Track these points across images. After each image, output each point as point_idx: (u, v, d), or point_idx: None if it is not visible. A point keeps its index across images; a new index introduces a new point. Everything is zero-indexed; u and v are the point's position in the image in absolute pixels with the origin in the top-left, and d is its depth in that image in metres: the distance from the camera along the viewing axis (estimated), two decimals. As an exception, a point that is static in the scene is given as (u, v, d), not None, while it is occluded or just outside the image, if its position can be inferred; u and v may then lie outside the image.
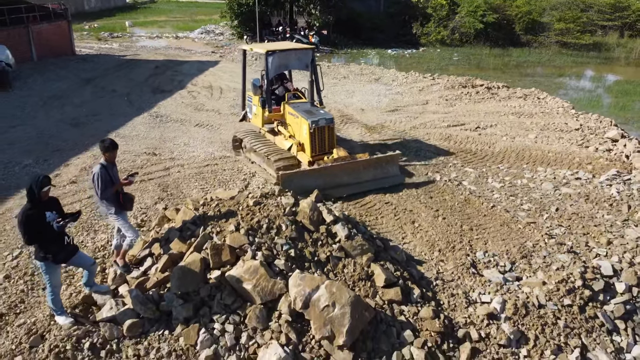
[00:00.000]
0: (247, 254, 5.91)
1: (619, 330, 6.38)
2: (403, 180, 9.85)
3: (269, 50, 10.01)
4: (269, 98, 10.51)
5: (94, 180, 5.98)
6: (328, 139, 9.76)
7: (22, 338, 5.35)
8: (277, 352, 5.26)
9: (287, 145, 10.15)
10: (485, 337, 5.95)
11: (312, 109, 10.00)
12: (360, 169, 9.46)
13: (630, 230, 8.03)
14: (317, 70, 10.58)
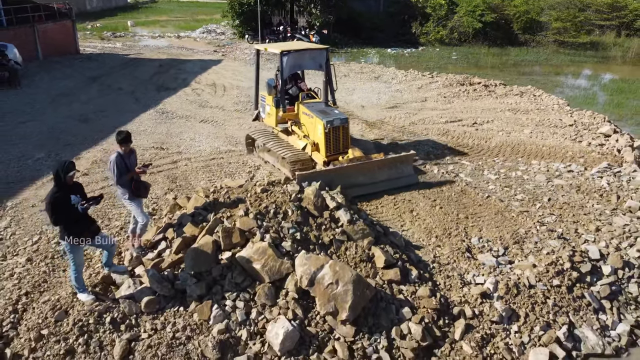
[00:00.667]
0: (256, 237, 6.33)
1: (605, 309, 6.79)
2: (417, 180, 9.86)
3: (284, 50, 10.03)
4: (283, 98, 10.43)
5: (110, 167, 6.40)
6: (343, 138, 9.74)
7: (48, 313, 5.75)
8: (284, 325, 5.68)
9: (301, 145, 10.15)
10: (479, 315, 6.35)
11: (327, 109, 9.98)
12: (375, 169, 9.43)
13: (618, 218, 8.44)
14: (331, 71, 10.61)
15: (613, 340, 6.44)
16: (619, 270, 7.20)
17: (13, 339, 5.53)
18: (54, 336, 5.50)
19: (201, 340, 5.64)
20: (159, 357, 5.46)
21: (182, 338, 5.65)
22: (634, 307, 6.93)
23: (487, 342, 6.10)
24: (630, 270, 7.23)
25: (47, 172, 10.20)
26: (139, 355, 5.47)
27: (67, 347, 5.42)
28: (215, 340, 5.60)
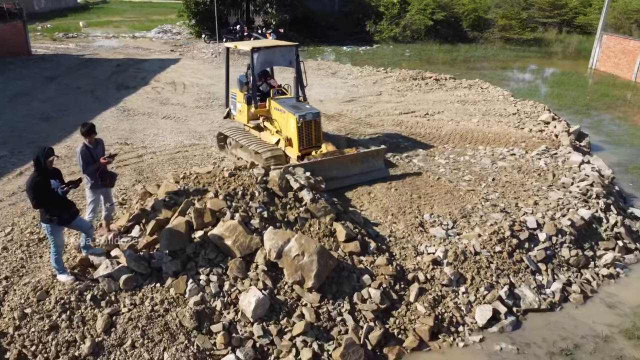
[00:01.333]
0: (226, 216, 6.82)
1: (541, 270, 7.64)
2: (388, 174, 10.12)
3: (255, 47, 10.17)
4: (254, 94, 10.49)
5: (78, 157, 6.73)
6: (315, 132, 9.92)
7: (29, 294, 6.05)
8: (255, 294, 6.20)
9: (274, 140, 10.33)
10: (431, 279, 7.06)
11: (298, 104, 10.22)
12: (348, 163, 9.68)
13: (553, 192, 9.38)
14: (301, 67, 10.76)
15: (548, 296, 7.29)
16: (553, 237, 8.08)
17: (-4, 318, 5.83)
18: (37, 314, 5.83)
19: (179, 312, 6.10)
20: (139, 328, 5.88)
21: (160, 310, 6.09)
22: (566, 269, 7.82)
23: (438, 302, 6.82)
24: (562, 237, 8.13)
25: (12, 169, 10.33)
26: (120, 328, 5.87)
27: (51, 324, 5.77)
28: (192, 310, 6.07)
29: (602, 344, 6.55)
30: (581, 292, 7.46)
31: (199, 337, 5.93)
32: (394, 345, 6.32)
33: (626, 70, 24.55)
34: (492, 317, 6.78)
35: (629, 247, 8.62)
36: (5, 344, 5.58)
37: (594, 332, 6.75)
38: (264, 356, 5.94)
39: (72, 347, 5.65)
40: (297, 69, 10.66)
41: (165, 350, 5.75)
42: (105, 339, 5.76)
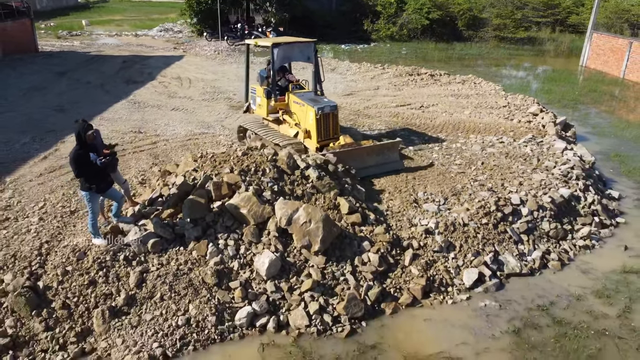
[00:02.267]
0: (241, 188, 7.63)
1: (523, 241, 8.48)
2: (403, 166, 10.52)
3: (275, 42, 10.61)
4: (274, 88, 10.86)
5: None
6: (333, 125, 10.29)
7: (69, 255, 6.86)
8: (269, 256, 7.02)
9: (292, 133, 10.67)
10: (423, 246, 7.89)
11: (316, 98, 10.57)
12: (365, 155, 10.04)
13: (536, 174, 10.22)
14: (319, 62, 11.10)
15: (528, 263, 8.12)
16: (534, 212, 8.91)
17: (42, 275, 6.63)
18: (77, 271, 6.64)
19: (201, 271, 6.91)
20: (167, 284, 6.69)
21: (185, 269, 6.90)
22: (545, 240, 8.66)
23: (430, 266, 7.64)
24: (543, 212, 8.96)
25: (36, 154, 11.12)
26: (150, 283, 6.68)
27: (90, 279, 6.58)
28: (213, 270, 6.88)
29: (574, 301, 7.39)
30: (559, 259, 8.30)
31: (219, 292, 6.74)
32: (391, 302, 7.13)
33: (614, 68, 25.46)
34: (478, 280, 7.60)
35: (604, 222, 9.46)
36: (50, 295, 6.38)
37: (568, 293, 7.58)
38: (276, 308, 6.76)
39: (108, 299, 6.46)
40: (315, 64, 10.98)
41: (190, 303, 6.57)
42: (137, 292, 6.57)
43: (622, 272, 8.09)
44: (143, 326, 6.29)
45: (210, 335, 6.34)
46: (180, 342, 6.19)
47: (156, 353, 6.01)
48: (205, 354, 6.17)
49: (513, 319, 6.96)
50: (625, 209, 10.28)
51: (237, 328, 6.51)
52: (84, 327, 6.22)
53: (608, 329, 6.82)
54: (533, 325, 6.86)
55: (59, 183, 9.54)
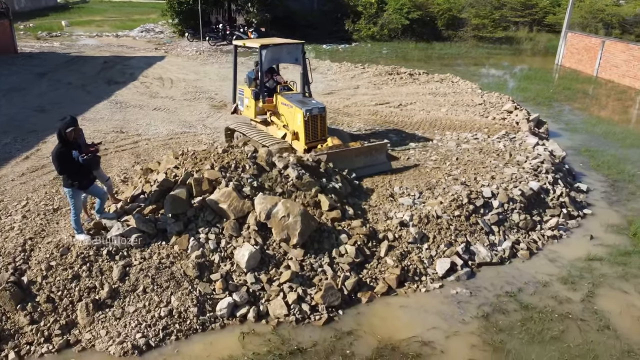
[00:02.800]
0: (222, 184, 7.86)
1: (494, 232, 8.84)
2: (391, 168, 10.58)
3: (263, 44, 10.58)
4: (262, 89, 10.87)
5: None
6: (321, 126, 10.33)
7: (53, 250, 7.02)
8: (248, 249, 7.27)
9: (280, 134, 10.72)
10: (398, 238, 8.20)
11: (305, 99, 10.63)
12: (353, 156, 10.08)
13: (508, 169, 10.62)
14: (307, 64, 11.18)
15: (499, 253, 8.48)
16: (505, 204, 9.29)
17: (26, 270, 6.78)
18: (61, 266, 6.81)
19: (183, 264, 7.13)
20: (149, 277, 6.90)
21: (167, 263, 7.12)
22: (515, 231, 9.04)
23: (404, 256, 7.96)
24: (513, 204, 9.35)
25: (18, 154, 11.21)
26: (133, 277, 6.88)
27: (74, 273, 6.76)
28: (194, 263, 7.10)
29: (541, 287, 7.77)
30: (527, 249, 8.69)
31: (200, 284, 6.97)
32: (367, 291, 7.42)
33: (588, 66, 26.18)
34: (450, 269, 7.93)
35: (572, 214, 9.89)
36: (35, 290, 6.55)
37: (535, 280, 7.96)
38: (256, 299, 7.01)
39: (92, 292, 6.65)
40: (303, 65, 11.08)
41: (173, 295, 6.79)
42: (120, 285, 6.77)
43: (587, 260, 8.50)
44: (126, 318, 6.50)
45: (192, 326, 6.57)
46: (163, 333, 6.41)
47: (139, 343, 6.22)
48: (187, 343, 6.39)
49: (482, 305, 7.30)
50: (593, 201, 10.73)
51: (218, 318, 6.74)
52: (68, 320, 6.41)
53: (571, 312, 7.20)
54: (501, 310, 7.22)
55: (42, 182, 9.66)
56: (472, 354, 6.38)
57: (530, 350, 6.41)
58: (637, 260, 8.50)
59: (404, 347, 6.44)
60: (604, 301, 7.48)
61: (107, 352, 6.13)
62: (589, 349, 6.48)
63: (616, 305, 7.38)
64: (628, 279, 8.02)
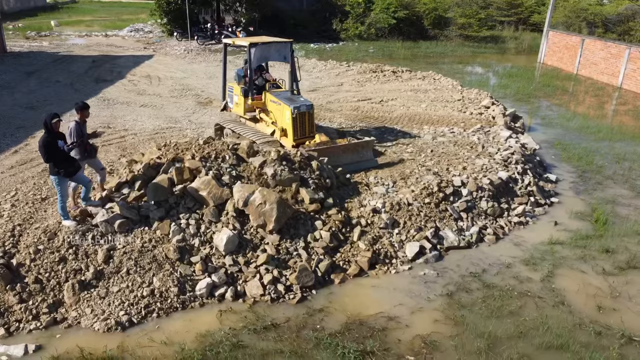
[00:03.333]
0: (202, 173, 8.28)
1: (462, 218, 9.32)
2: (377, 164, 10.80)
3: (252, 42, 10.86)
4: (251, 87, 11.10)
5: (70, 132, 7.95)
6: (308, 123, 10.56)
7: (41, 235, 7.41)
8: (227, 233, 7.69)
9: (269, 131, 10.96)
10: (371, 224, 8.66)
11: (293, 97, 10.79)
12: (340, 152, 10.31)
13: (479, 160, 11.12)
14: (295, 62, 11.37)
15: (466, 237, 8.97)
16: (474, 192, 9.78)
17: (15, 254, 7.17)
18: (48, 250, 7.20)
19: (164, 247, 7.54)
20: (133, 259, 7.31)
21: (149, 247, 7.53)
22: (483, 217, 9.53)
23: (376, 241, 8.42)
24: (482, 192, 9.83)
25: (7, 148, 11.55)
26: (117, 259, 7.29)
27: (60, 256, 7.15)
28: (175, 246, 7.52)
29: (504, 269, 8.26)
30: (494, 234, 9.18)
31: (181, 266, 7.39)
32: (339, 273, 7.87)
33: (569, 64, 26.83)
34: (419, 252, 8.39)
35: (539, 202, 10.41)
36: (23, 272, 6.94)
37: (500, 262, 8.45)
38: (234, 280, 7.44)
39: (78, 274, 7.05)
40: (291, 63, 11.23)
41: (155, 276, 7.20)
42: (105, 267, 7.17)
43: (549, 244, 9.01)
44: (110, 297, 6.90)
45: (172, 304, 6.99)
46: (145, 310, 6.83)
47: (122, 320, 6.63)
48: (168, 321, 6.81)
49: (448, 284, 7.78)
50: (561, 191, 11.25)
51: (197, 297, 7.16)
52: (55, 299, 6.80)
53: (530, 290, 7.69)
54: (465, 289, 7.69)
55: (30, 174, 10.03)
56: (435, 327, 6.84)
57: (488, 324, 6.88)
58: (597, 243, 9.02)
59: (371, 322, 6.89)
60: (562, 280, 7.98)
61: (92, 328, 6.54)
62: (543, 322, 6.96)
63: (573, 284, 7.89)
64: (587, 261, 8.53)
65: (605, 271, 8.24)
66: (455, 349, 6.45)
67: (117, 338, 6.41)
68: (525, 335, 6.71)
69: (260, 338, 6.52)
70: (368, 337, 6.57)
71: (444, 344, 6.54)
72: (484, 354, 6.32)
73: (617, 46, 23.23)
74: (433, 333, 6.71)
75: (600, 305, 7.40)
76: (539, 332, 6.77)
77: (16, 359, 6.03)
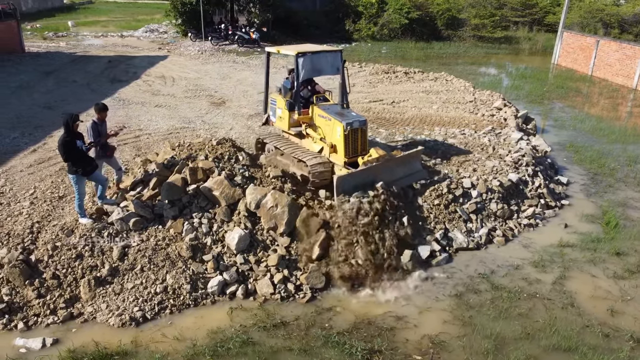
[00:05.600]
0: (215, 173, 8.45)
1: (472, 220, 9.38)
2: (426, 176, 10.07)
3: (300, 52, 9.75)
4: (298, 100, 10.08)
5: (87, 130, 8.17)
6: (361, 140, 9.61)
7: (58, 232, 7.63)
8: (239, 232, 7.84)
9: (317, 148, 9.97)
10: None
11: (344, 111, 9.81)
12: (394, 166, 9.54)
13: (489, 162, 11.15)
14: (346, 73, 10.30)
15: (475, 239, 9.02)
16: (483, 194, 9.82)
17: (34, 250, 7.40)
18: (65, 246, 7.42)
19: (177, 245, 7.72)
20: (147, 257, 7.50)
21: (163, 244, 7.71)
22: (493, 219, 9.57)
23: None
24: (492, 194, 9.87)
25: (26, 147, 11.83)
26: (131, 256, 7.48)
27: (77, 253, 7.37)
28: (188, 244, 7.69)
29: (512, 270, 8.30)
30: (503, 236, 9.22)
31: (193, 264, 7.56)
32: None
33: (583, 65, 26.60)
34: (430, 255, 8.48)
35: (550, 204, 10.41)
36: (42, 267, 7.16)
37: (508, 263, 8.50)
38: (245, 278, 7.59)
39: (94, 270, 7.25)
40: (342, 75, 10.19)
41: (168, 273, 7.38)
42: (120, 264, 7.37)
43: (559, 246, 9.04)
44: (125, 293, 7.10)
45: (185, 301, 7.16)
46: (158, 307, 7.01)
47: (136, 315, 6.82)
48: (180, 317, 6.98)
49: (456, 285, 7.85)
50: (572, 193, 11.24)
51: (209, 295, 7.33)
52: (72, 295, 7.01)
53: (539, 292, 7.74)
54: (474, 290, 7.76)
55: (48, 172, 10.27)
56: (443, 327, 6.93)
57: (496, 325, 6.95)
58: (607, 246, 9.02)
59: (380, 322, 6.99)
60: (571, 283, 8.01)
61: (107, 323, 6.74)
62: (550, 324, 7.00)
63: (583, 287, 7.91)
64: (596, 264, 8.54)
65: (616, 274, 8.25)
66: (463, 349, 6.54)
67: (131, 333, 6.59)
68: (532, 337, 6.77)
69: (270, 335, 6.65)
70: (376, 336, 6.67)
71: (451, 344, 6.62)
72: (491, 354, 6.40)
73: (632, 47, 23.01)
74: (441, 333, 6.80)
75: (611, 308, 7.42)
76: (546, 333, 6.82)
77: (34, 352, 6.23)
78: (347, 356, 6.29)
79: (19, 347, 6.30)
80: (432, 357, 6.33)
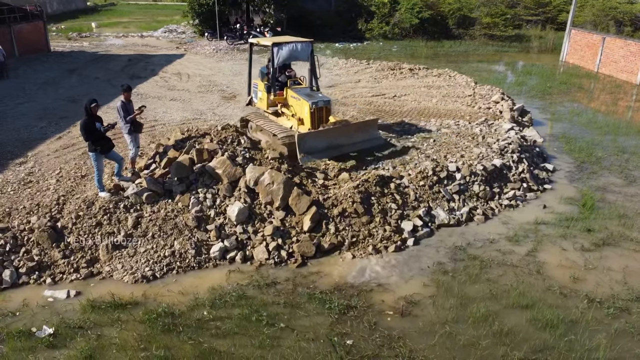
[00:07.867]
0: (219, 154, 9.43)
1: (454, 199, 10.18)
2: (383, 142, 11.82)
3: (275, 42, 11.69)
4: (274, 84, 12.01)
5: (118, 110, 9.36)
6: (325, 117, 11.45)
7: (81, 204, 8.69)
8: (239, 205, 8.80)
9: (289, 124, 11.85)
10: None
11: (312, 93, 11.64)
12: (353, 131, 11.24)
13: (476, 149, 11.92)
14: (315, 61, 12.32)
15: (456, 216, 9.82)
16: (467, 177, 10.60)
17: (60, 218, 8.46)
18: (87, 216, 8.47)
19: (184, 216, 8.71)
20: (157, 225, 8.51)
21: (171, 215, 8.71)
22: (475, 199, 10.35)
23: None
24: (475, 177, 10.65)
25: (52, 135, 13.00)
26: (144, 225, 8.50)
27: (97, 221, 8.41)
28: (193, 216, 8.68)
29: (488, 243, 9.09)
30: (483, 214, 10.00)
31: (198, 232, 8.54)
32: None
33: (590, 62, 27.01)
34: (413, 229, 9.31)
35: (532, 188, 11.14)
36: (66, 233, 8.22)
37: (485, 237, 9.28)
38: (244, 245, 8.54)
39: (111, 236, 8.29)
40: (311, 62, 12.21)
41: (175, 240, 8.37)
42: (134, 231, 8.39)
43: (535, 223, 9.78)
44: (138, 256, 8.11)
45: (190, 264, 8.14)
46: (166, 268, 8.00)
47: (147, 274, 7.82)
48: (185, 277, 7.96)
49: (435, 256, 8.68)
50: (556, 179, 11.93)
51: (211, 259, 8.30)
52: (92, 256, 8.06)
53: (510, 261, 8.52)
54: (451, 259, 8.58)
55: (72, 156, 11.40)
56: (418, 290, 7.76)
57: (464, 287, 7.76)
58: (580, 224, 9.73)
59: (362, 286, 7.85)
60: (541, 254, 8.75)
61: (122, 280, 7.75)
62: (515, 287, 7.79)
63: (551, 258, 8.66)
64: (567, 238, 9.27)
65: (584, 247, 8.97)
66: (433, 305, 7.37)
67: (142, 288, 7.60)
68: (496, 297, 7.57)
69: (262, 292, 7.59)
70: (355, 295, 7.55)
71: (423, 302, 7.47)
72: (455, 309, 7.23)
73: (637, 44, 23.39)
74: (415, 294, 7.64)
75: (573, 275, 8.16)
76: (510, 294, 7.61)
77: (60, 300, 7.27)
78: (327, 310, 7.18)
79: (48, 297, 7.35)
80: (403, 309, 7.19)
